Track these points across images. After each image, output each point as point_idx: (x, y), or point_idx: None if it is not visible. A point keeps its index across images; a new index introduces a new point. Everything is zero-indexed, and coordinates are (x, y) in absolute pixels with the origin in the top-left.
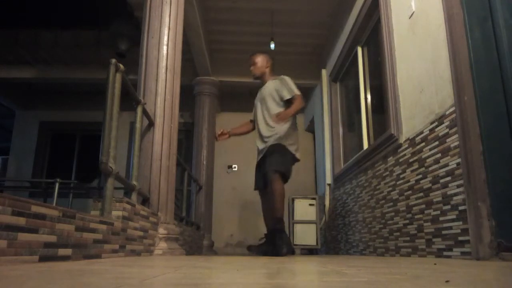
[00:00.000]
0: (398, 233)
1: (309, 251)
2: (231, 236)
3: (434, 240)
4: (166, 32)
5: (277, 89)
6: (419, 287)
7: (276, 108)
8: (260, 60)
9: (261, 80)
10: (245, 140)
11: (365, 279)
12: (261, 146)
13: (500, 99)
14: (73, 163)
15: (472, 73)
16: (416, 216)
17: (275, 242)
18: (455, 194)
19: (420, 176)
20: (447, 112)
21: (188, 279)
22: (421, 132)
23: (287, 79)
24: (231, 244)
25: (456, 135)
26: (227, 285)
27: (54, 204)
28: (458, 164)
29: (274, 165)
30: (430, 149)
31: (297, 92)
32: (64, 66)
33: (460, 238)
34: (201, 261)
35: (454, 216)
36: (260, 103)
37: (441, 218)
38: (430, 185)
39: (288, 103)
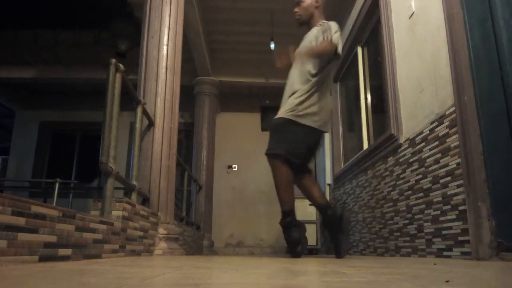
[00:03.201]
0: (398, 233)
1: (309, 251)
2: (231, 236)
3: (434, 240)
4: (166, 32)
5: (316, 36)
6: (419, 287)
7: (310, 66)
8: None
9: (307, 27)
10: (245, 140)
11: (365, 279)
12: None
13: (500, 99)
14: (73, 163)
15: (472, 73)
16: (416, 216)
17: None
18: (455, 194)
19: (420, 176)
20: (447, 112)
21: (188, 279)
22: (421, 132)
23: (333, 25)
24: (231, 244)
25: (456, 135)
26: (227, 285)
27: (54, 204)
28: (458, 164)
29: (269, 147)
30: (430, 149)
31: (334, 40)
32: (64, 66)
33: (460, 238)
34: (201, 261)
35: (454, 216)
36: (297, 57)
37: (441, 218)
38: (430, 185)
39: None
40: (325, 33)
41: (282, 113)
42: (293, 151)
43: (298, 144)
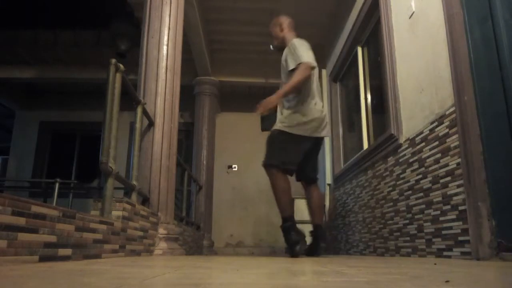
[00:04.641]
0: (398, 233)
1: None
2: (231, 236)
3: (434, 240)
4: (166, 32)
5: (285, 57)
6: (419, 287)
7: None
8: (274, 27)
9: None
10: (245, 140)
11: (365, 279)
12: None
13: (500, 99)
14: (73, 163)
15: (472, 73)
16: (416, 216)
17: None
18: (455, 194)
19: (420, 176)
20: (447, 112)
21: (188, 279)
22: (421, 132)
23: (296, 42)
24: (231, 244)
25: (456, 135)
26: (227, 285)
27: (54, 204)
28: (458, 164)
29: (265, 158)
30: (430, 149)
31: (303, 59)
32: (64, 66)
33: (460, 238)
34: (201, 261)
35: (454, 216)
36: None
37: (441, 218)
38: (430, 185)
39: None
40: (291, 53)
41: (275, 125)
42: (286, 160)
43: (290, 152)
